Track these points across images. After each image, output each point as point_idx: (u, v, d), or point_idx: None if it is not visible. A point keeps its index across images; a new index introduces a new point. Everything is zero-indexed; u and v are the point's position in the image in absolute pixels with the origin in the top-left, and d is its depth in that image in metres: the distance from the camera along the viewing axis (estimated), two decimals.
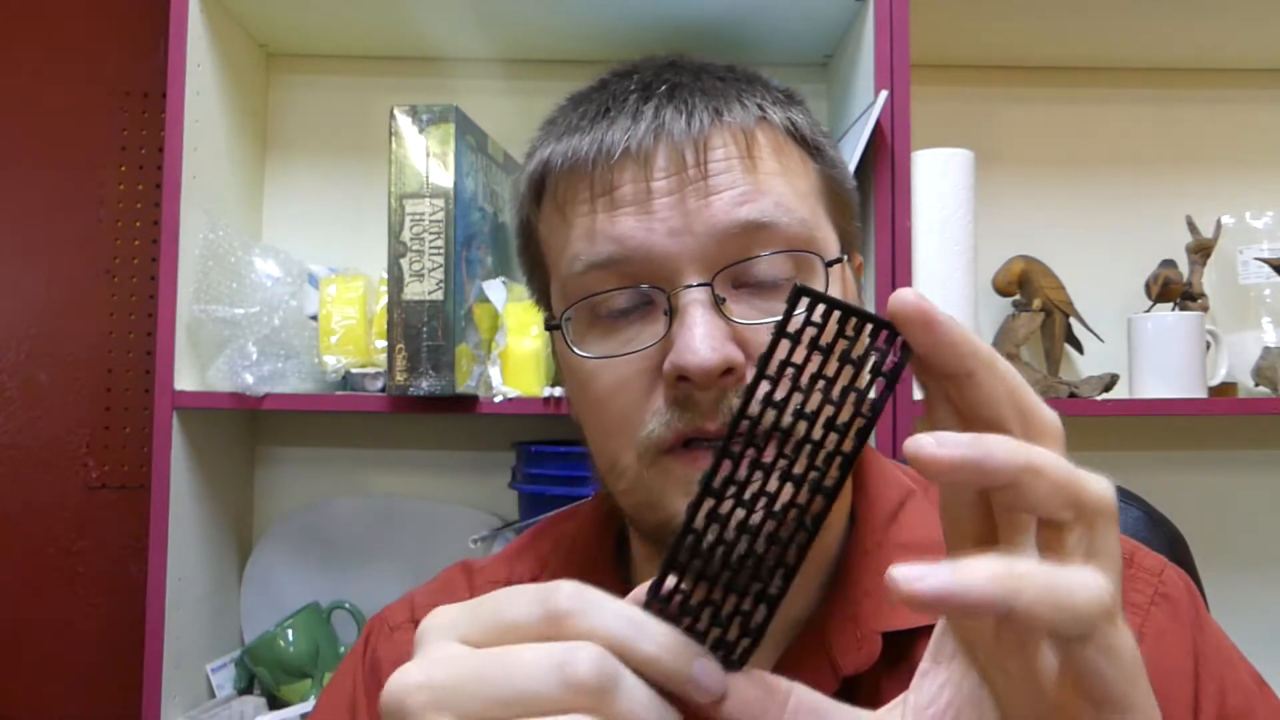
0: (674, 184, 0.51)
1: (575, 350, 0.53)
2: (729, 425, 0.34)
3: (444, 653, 0.33)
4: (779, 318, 0.36)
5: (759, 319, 0.50)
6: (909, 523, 0.57)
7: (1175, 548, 0.71)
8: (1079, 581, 0.31)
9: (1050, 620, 0.30)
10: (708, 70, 0.55)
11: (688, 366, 0.48)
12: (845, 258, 0.56)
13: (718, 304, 0.50)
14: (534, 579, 0.62)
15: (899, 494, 0.58)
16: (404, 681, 0.33)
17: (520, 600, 0.34)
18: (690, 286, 0.50)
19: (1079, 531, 0.33)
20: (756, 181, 0.51)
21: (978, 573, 0.29)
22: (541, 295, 0.60)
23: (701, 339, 0.48)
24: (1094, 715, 0.33)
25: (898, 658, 0.52)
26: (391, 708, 0.33)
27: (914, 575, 0.30)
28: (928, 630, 0.51)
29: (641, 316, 0.52)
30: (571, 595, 0.33)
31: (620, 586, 0.53)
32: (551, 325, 0.56)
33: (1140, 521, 0.68)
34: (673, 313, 0.50)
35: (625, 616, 0.33)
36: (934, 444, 0.30)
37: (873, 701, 0.51)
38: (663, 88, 0.53)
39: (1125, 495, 0.68)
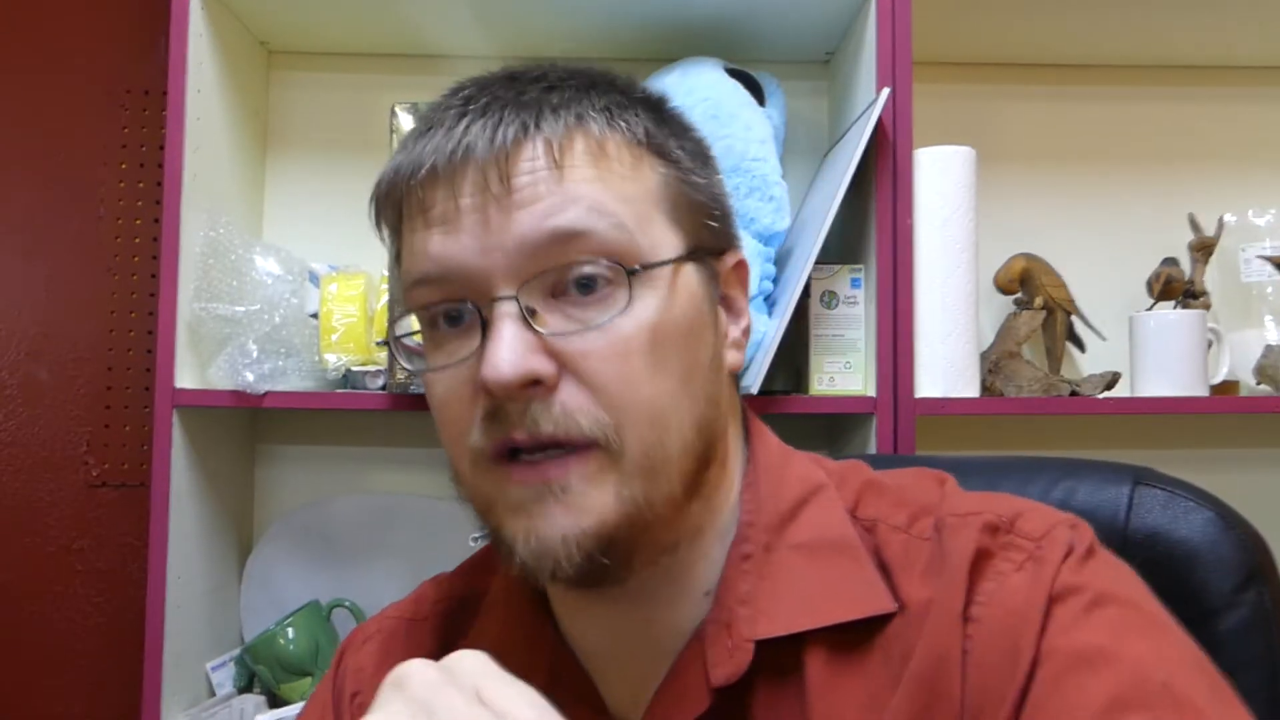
0: (479, 201, 0.51)
1: (402, 364, 0.55)
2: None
3: None
4: (591, 325, 0.40)
5: (573, 329, 0.50)
6: (810, 521, 0.55)
7: (1251, 552, 0.62)
8: None
9: None
10: (540, 80, 0.54)
11: (487, 380, 0.48)
12: (698, 259, 0.55)
13: (525, 316, 0.50)
14: (485, 592, 0.63)
15: (802, 490, 0.56)
16: None
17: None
18: (498, 299, 0.50)
19: None
20: (565, 191, 0.51)
21: None
22: (393, 326, 0.61)
23: (504, 354, 0.48)
24: None
25: (775, 668, 0.51)
26: None
27: None
28: (805, 636, 0.51)
29: (466, 330, 0.52)
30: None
31: (537, 607, 0.57)
32: (381, 342, 0.57)
33: (1211, 523, 0.64)
34: (485, 326, 0.50)
35: None
36: None
37: (744, 714, 0.51)
38: (480, 102, 0.53)
39: (1199, 495, 0.65)
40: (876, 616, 0.51)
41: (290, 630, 1.18)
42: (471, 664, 0.40)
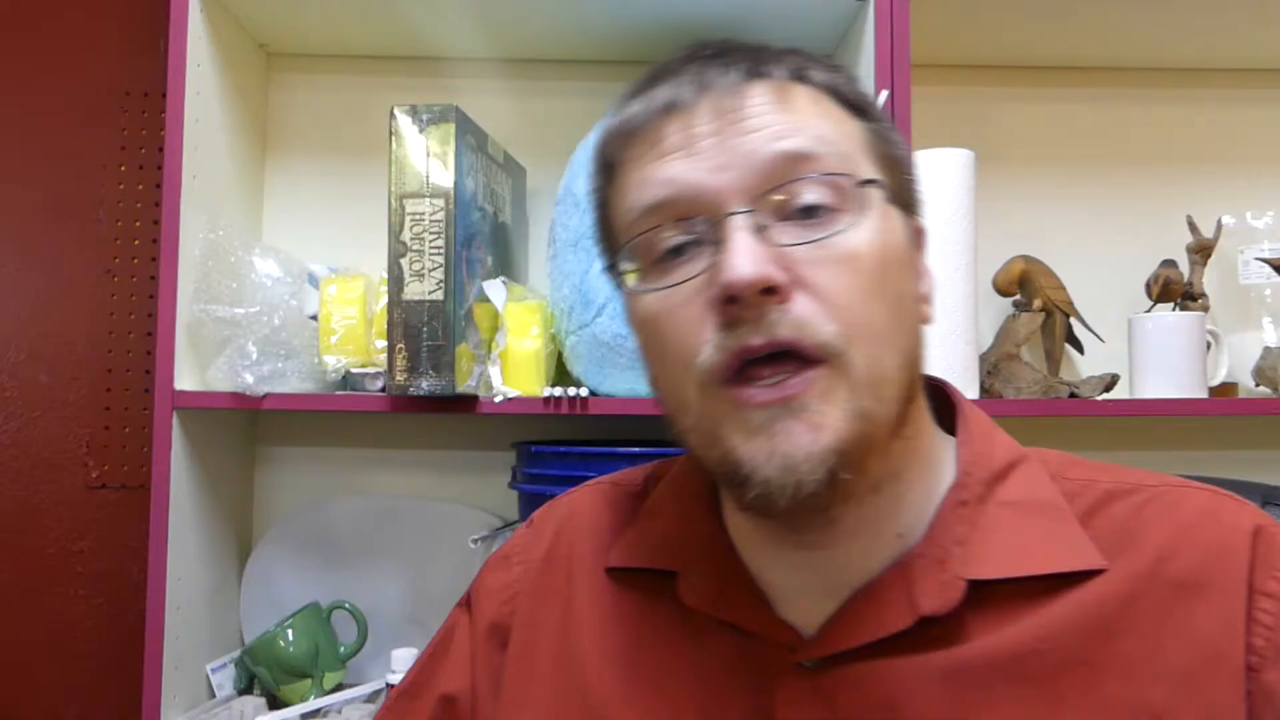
0: (715, 128, 0.54)
1: (630, 287, 0.57)
2: None
3: None
4: (821, 236, 0.45)
5: (804, 240, 0.53)
6: (1019, 482, 0.58)
7: None
8: None
9: None
10: (754, 43, 0.59)
11: (729, 281, 0.50)
12: (898, 205, 0.58)
13: (759, 229, 0.52)
14: (640, 489, 0.70)
15: (1011, 456, 0.60)
16: None
17: None
18: (732, 214, 0.52)
19: None
20: (794, 120, 0.54)
21: None
22: (613, 263, 0.63)
23: (742, 256, 0.51)
24: None
25: (979, 601, 0.54)
26: None
27: None
28: (1007, 584, 0.54)
29: (694, 255, 0.54)
30: None
31: (715, 520, 0.63)
32: (608, 268, 0.60)
33: None
34: (718, 242, 0.53)
35: None
36: None
37: (955, 638, 0.54)
38: (708, 53, 0.57)
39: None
40: (1080, 574, 0.54)
41: (290, 632, 1.18)
42: None
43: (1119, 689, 0.51)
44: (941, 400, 0.64)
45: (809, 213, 0.53)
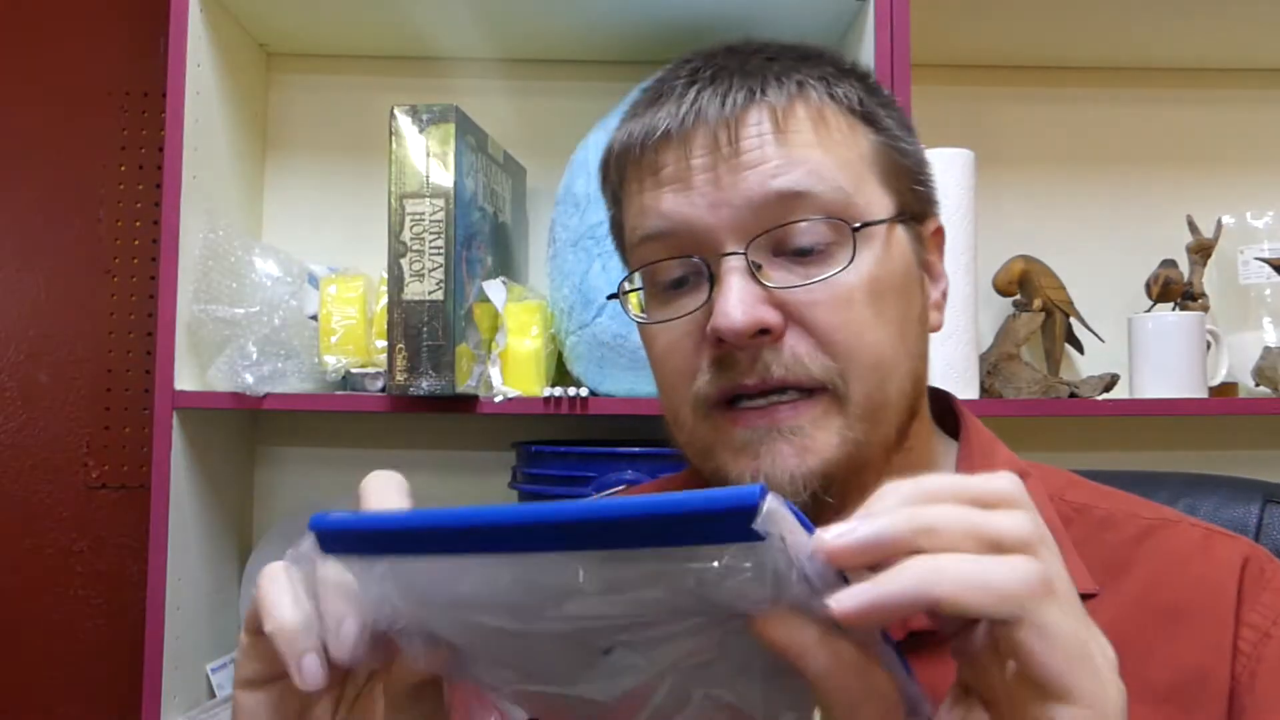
0: (710, 161, 0.55)
1: (632, 317, 0.59)
2: None
3: None
4: (817, 279, 0.46)
5: (797, 282, 0.53)
6: None
7: None
8: (1004, 565, 0.33)
9: (976, 604, 0.32)
10: (761, 52, 0.59)
11: (720, 329, 0.52)
12: (905, 221, 0.58)
13: (753, 270, 0.53)
14: None
15: (1012, 471, 0.61)
16: None
17: None
18: (727, 254, 0.53)
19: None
20: (789, 154, 0.54)
21: (900, 574, 0.32)
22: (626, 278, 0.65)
23: (734, 303, 0.52)
24: (1039, 705, 0.33)
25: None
26: None
27: (842, 597, 0.32)
28: None
29: (693, 287, 0.56)
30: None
31: None
32: (611, 295, 0.62)
33: None
34: (713, 280, 0.54)
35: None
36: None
37: (942, 652, 0.54)
38: (708, 72, 0.57)
39: None
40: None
41: None
42: None
43: None
44: (944, 405, 0.64)
45: (804, 251, 0.54)
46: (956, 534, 0.34)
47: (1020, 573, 0.33)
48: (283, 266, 1.18)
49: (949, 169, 1.14)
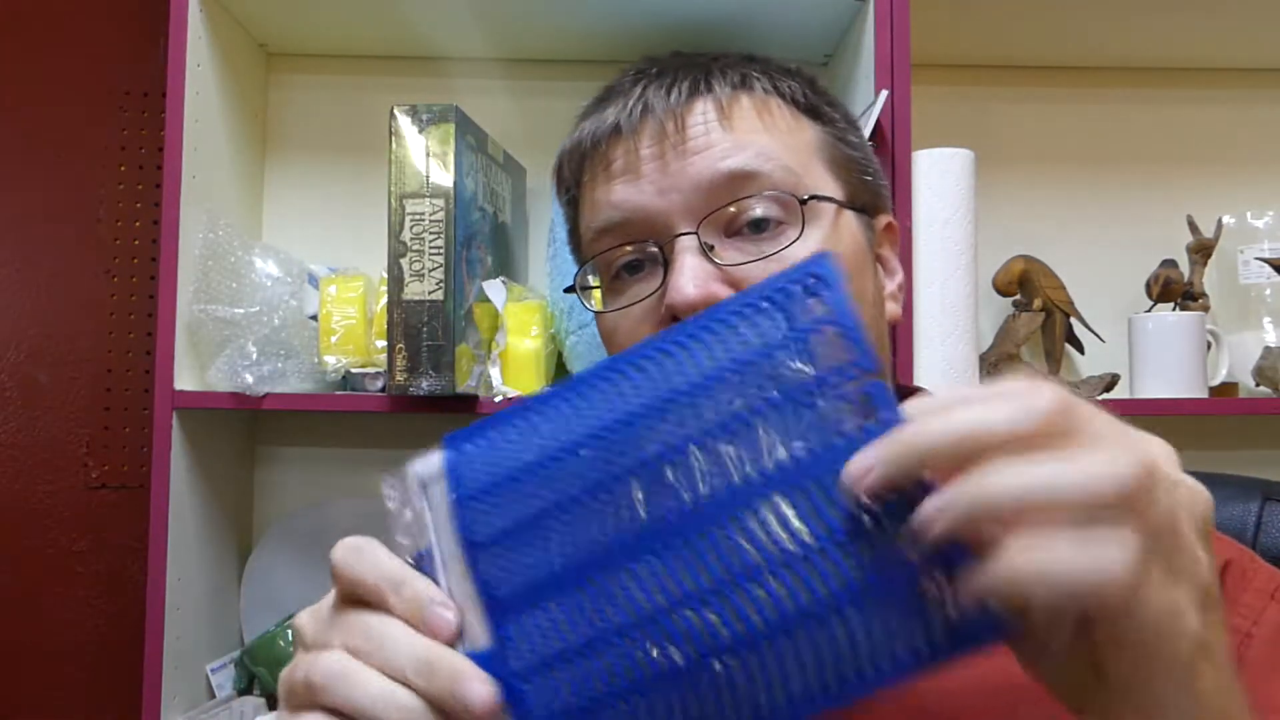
0: (658, 150, 0.56)
1: (589, 307, 0.60)
2: None
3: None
4: (768, 254, 0.48)
5: (749, 258, 0.54)
6: None
7: None
8: (1095, 458, 0.32)
9: (1065, 497, 0.31)
10: (705, 55, 0.60)
11: (675, 304, 0.53)
12: (855, 210, 0.58)
13: (705, 250, 0.54)
14: None
15: None
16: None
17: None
18: (679, 235, 0.54)
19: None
20: (737, 139, 0.55)
21: (996, 480, 0.31)
22: (581, 281, 0.65)
23: (687, 279, 0.53)
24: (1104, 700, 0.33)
25: None
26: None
27: (928, 507, 0.31)
28: None
29: (648, 274, 0.57)
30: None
31: None
32: (568, 289, 0.63)
33: None
34: (667, 264, 0.55)
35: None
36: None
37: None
38: (654, 70, 0.59)
39: None
40: None
41: (290, 632, 1.18)
42: None
43: None
44: None
45: (756, 228, 0.55)
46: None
47: (1107, 466, 0.32)
48: (283, 266, 1.18)
49: (949, 169, 1.14)
